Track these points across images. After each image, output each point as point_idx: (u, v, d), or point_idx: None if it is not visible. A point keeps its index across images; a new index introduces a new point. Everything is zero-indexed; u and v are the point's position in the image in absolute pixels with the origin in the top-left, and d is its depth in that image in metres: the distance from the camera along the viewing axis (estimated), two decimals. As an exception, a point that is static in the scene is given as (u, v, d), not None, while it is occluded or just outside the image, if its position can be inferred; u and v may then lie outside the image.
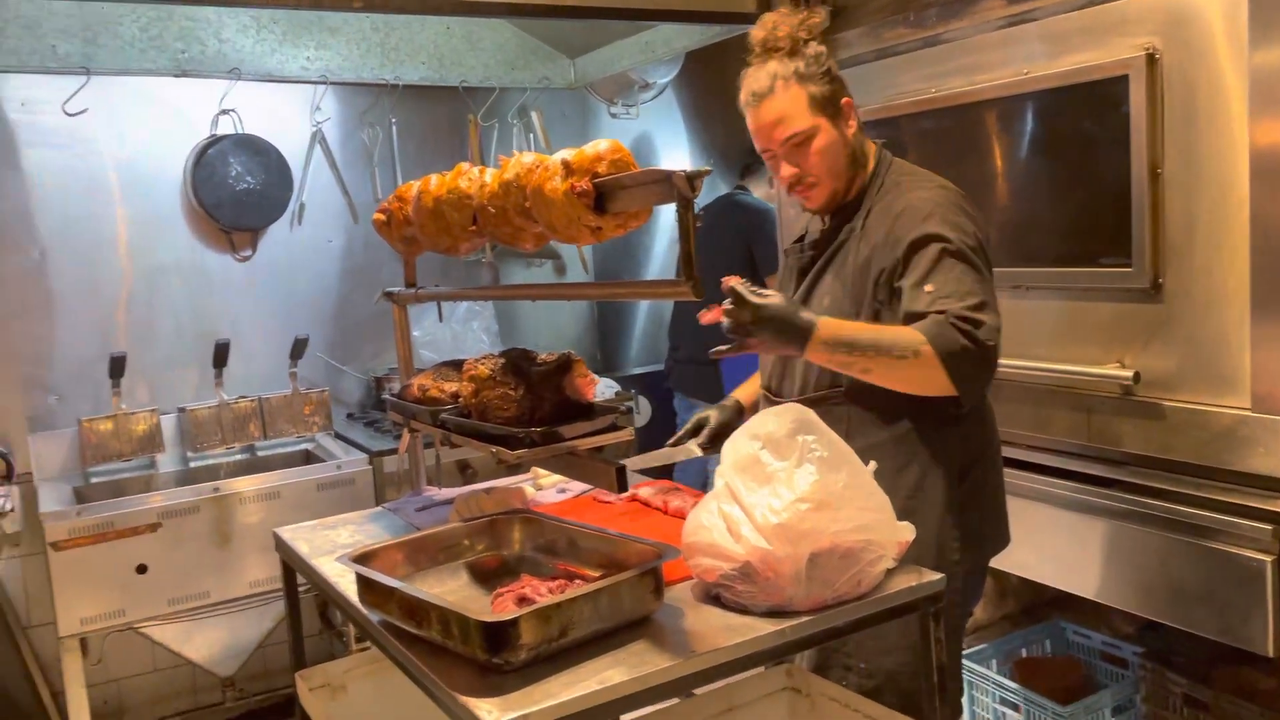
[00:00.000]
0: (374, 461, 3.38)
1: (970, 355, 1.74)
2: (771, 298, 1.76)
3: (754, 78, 1.96)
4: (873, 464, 1.69)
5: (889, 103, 2.77)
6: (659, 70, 4.11)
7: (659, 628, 1.60)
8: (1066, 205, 2.39)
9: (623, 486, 1.71)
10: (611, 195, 1.61)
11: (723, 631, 1.56)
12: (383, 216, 2.32)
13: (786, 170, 1.99)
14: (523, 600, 1.59)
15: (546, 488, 2.44)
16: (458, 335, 4.03)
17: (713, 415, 2.21)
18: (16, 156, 3.37)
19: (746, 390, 2.28)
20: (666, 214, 4.02)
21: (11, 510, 3.29)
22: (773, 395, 2.11)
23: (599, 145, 1.66)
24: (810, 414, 1.65)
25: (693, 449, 2.19)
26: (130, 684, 3.55)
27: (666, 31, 3.67)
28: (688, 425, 2.24)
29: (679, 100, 4.59)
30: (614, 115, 4.35)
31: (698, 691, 1.99)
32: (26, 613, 3.38)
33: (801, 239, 2.17)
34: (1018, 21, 2.43)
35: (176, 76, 3.53)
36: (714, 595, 1.66)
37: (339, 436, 3.67)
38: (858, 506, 1.60)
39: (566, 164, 1.67)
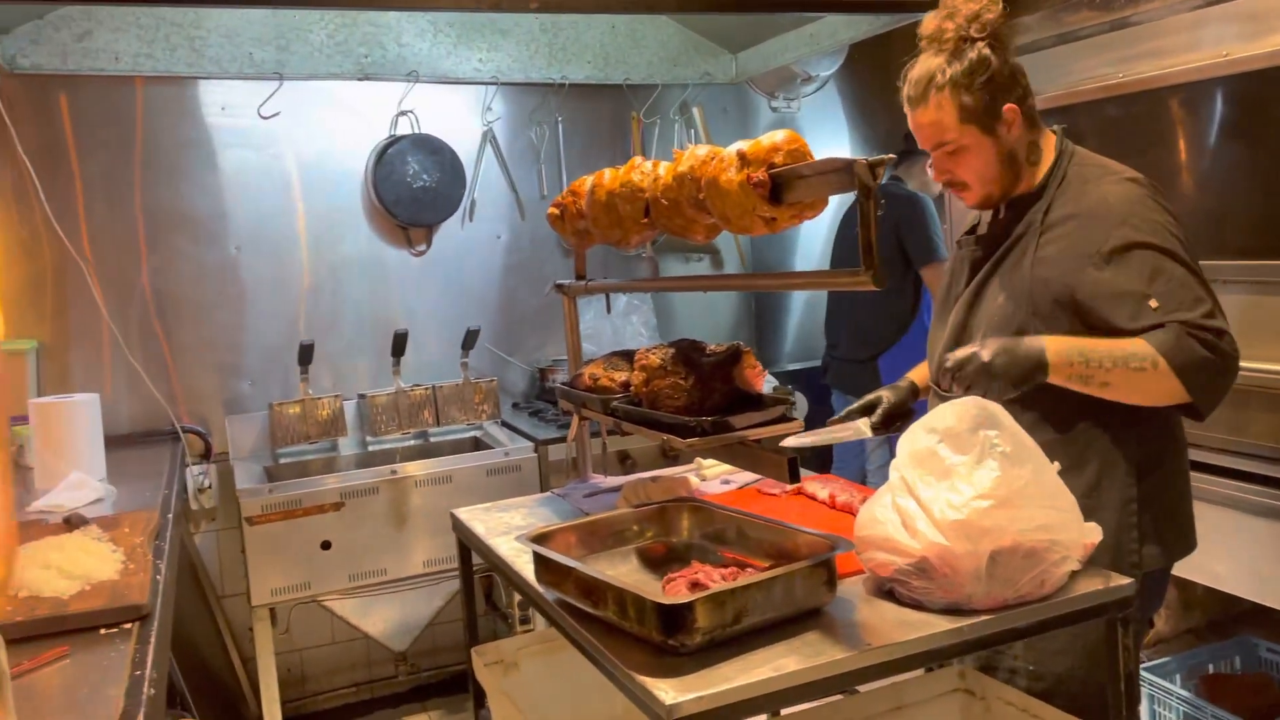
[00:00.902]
0: (539, 449, 3.47)
1: (1211, 366, 1.69)
2: (987, 346, 1.74)
3: (913, 78, 1.91)
4: (1056, 463, 1.64)
5: (1070, 89, 2.66)
6: (822, 63, 4.07)
7: (831, 620, 1.59)
8: (1263, 195, 2.25)
9: (794, 477, 1.71)
10: (788, 185, 1.62)
11: (898, 626, 1.54)
12: (556, 210, 2.38)
13: (939, 172, 1.96)
14: (695, 586, 1.61)
15: (711, 478, 2.46)
16: (618, 329, 4.10)
17: (886, 395, 2.11)
18: (215, 158, 3.62)
19: (920, 372, 2.20)
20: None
21: (209, 487, 3.55)
22: (942, 391, 2.06)
23: (775, 136, 1.67)
24: (994, 407, 1.61)
25: (863, 428, 2.09)
26: (311, 654, 3.76)
27: (832, 23, 3.63)
28: (858, 404, 2.12)
29: (840, 93, 4.54)
30: (774, 109, 4.34)
31: (863, 689, 1.97)
32: (220, 583, 3.64)
33: (974, 230, 2.11)
34: (1215, 1, 2.30)
35: (359, 80, 3.72)
36: (887, 590, 1.65)
37: (505, 425, 3.80)
38: (1042, 505, 1.55)
39: (742, 155, 1.68)
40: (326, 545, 3.18)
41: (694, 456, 2.54)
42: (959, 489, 1.55)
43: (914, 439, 1.67)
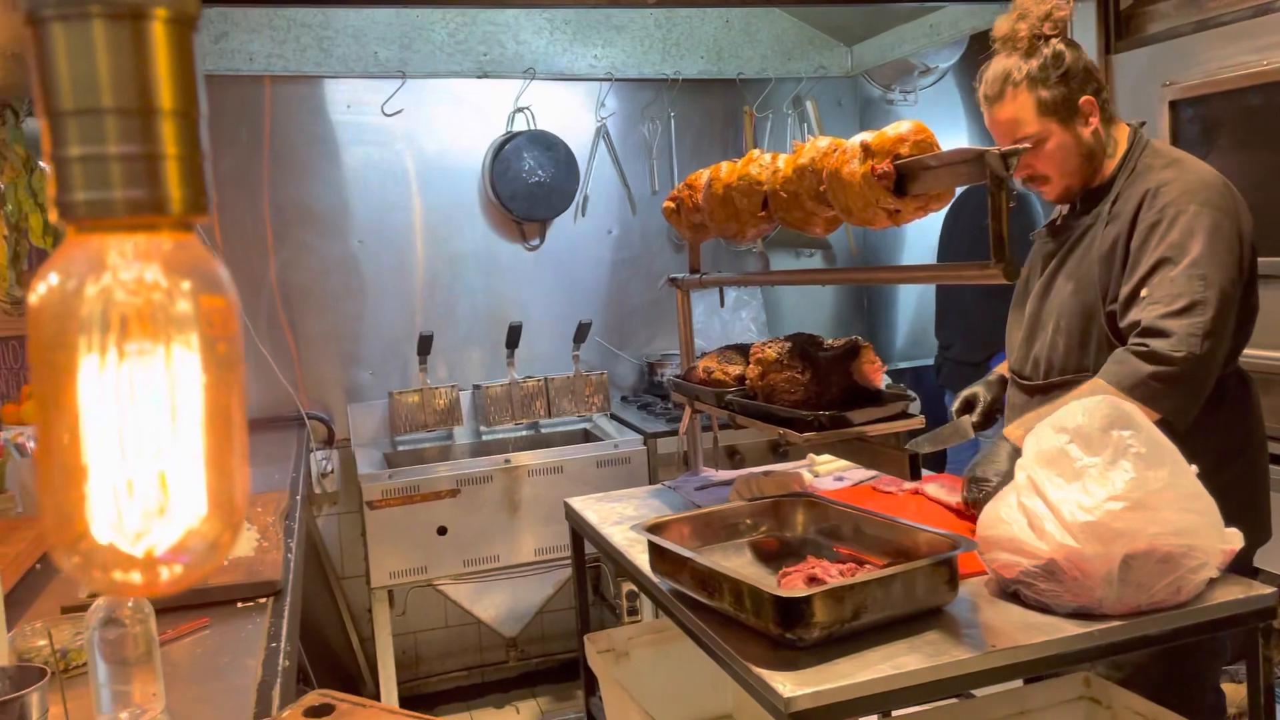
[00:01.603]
0: (648, 442, 3.49)
1: (1161, 379, 1.73)
2: (985, 482, 1.87)
3: (989, 77, 1.96)
4: (1194, 466, 1.57)
5: (1209, 78, 2.54)
6: (941, 54, 3.99)
7: (952, 620, 1.57)
8: None
9: (915, 474, 1.69)
10: (914, 176, 1.59)
11: (1023, 629, 1.51)
12: (672, 204, 2.39)
13: (1020, 168, 1.97)
14: (812, 580, 1.60)
15: (823, 475, 2.44)
16: (726, 324, 4.09)
17: (980, 391, 2.20)
18: (339, 154, 3.75)
19: (1006, 366, 2.26)
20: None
21: (332, 472, 3.68)
22: (1021, 379, 2.11)
23: (900, 126, 1.65)
24: (1128, 407, 1.56)
25: (967, 429, 2.14)
26: (425, 637, 3.87)
27: (953, 13, 3.55)
28: (957, 402, 2.22)
29: (960, 85, 4.43)
30: (890, 102, 4.26)
31: (978, 693, 1.93)
32: (341, 565, 3.77)
33: (1052, 223, 2.10)
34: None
35: (478, 78, 3.80)
36: (1012, 592, 1.61)
37: (614, 418, 3.83)
38: (1179, 509, 1.49)
39: (866, 146, 1.66)
40: (442, 531, 3.26)
41: (808, 452, 2.52)
42: (1090, 490, 1.50)
43: (1041, 438, 1.62)
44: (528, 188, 3.82)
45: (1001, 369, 2.26)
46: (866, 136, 1.67)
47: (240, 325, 0.37)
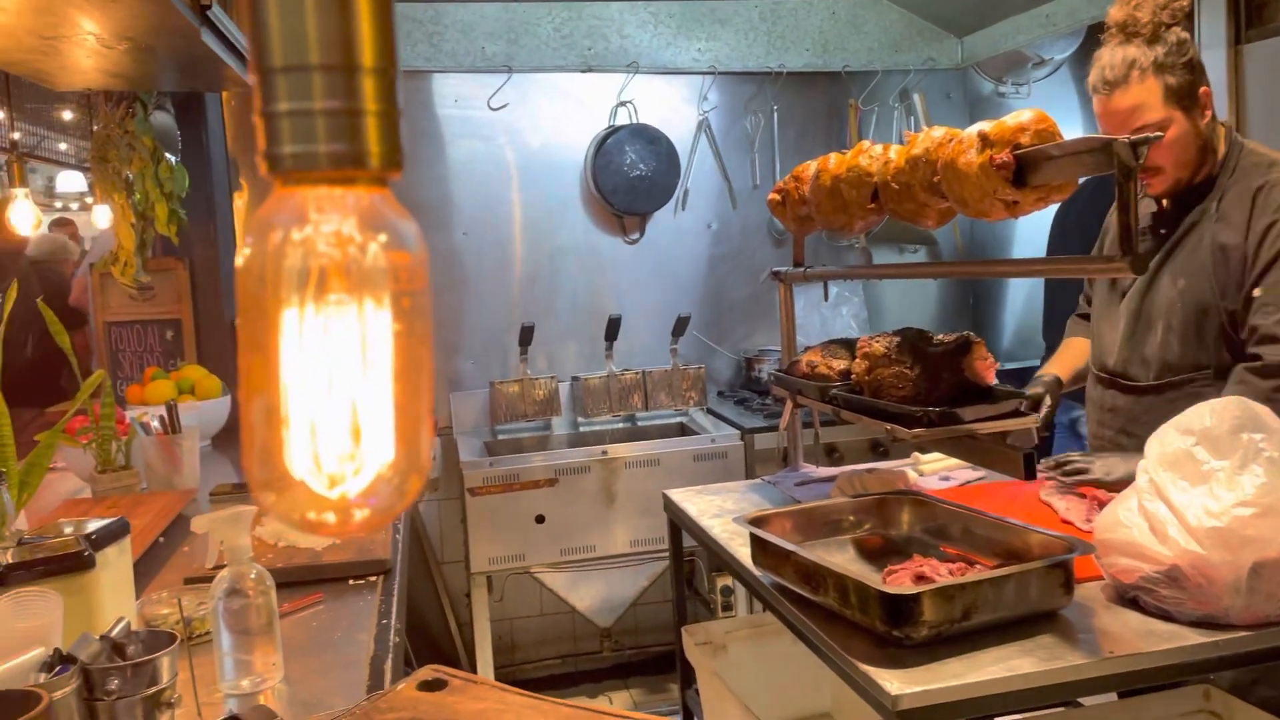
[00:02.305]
0: (745, 438, 3.48)
1: None
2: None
3: (1108, 63, 1.90)
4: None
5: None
6: (1056, 45, 3.86)
7: (1067, 624, 1.52)
8: None
9: (1030, 474, 1.64)
10: (1035, 167, 1.54)
11: (1143, 636, 1.45)
12: (777, 196, 2.37)
13: None
14: (920, 578, 1.57)
15: (929, 474, 2.39)
16: (826, 321, 4.04)
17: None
18: (446, 148, 3.82)
19: (1063, 364, 2.25)
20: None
21: (435, 458, 3.76)
22: (1121, 379, 2.06)
23: (1021, 116, 1.60)
24: (1258, 409, 1.49)
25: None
26: (521, 624, 3.92)
27: (1071, 2, 3.44)
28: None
29: (1075, 77, 4.29)
30: (1002, 95, 4.15)
31: (1085, 702, 1.87)
32: (440, 550, 3.85)
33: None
34: None
35: (583, 72, 3.83)
36: (1130, 598, 1.55)
37: (711, 412, 3.82)
38: (1316, 515, 1.42)
39: (984, 136, 1.62)
40: (540, 519, 3.30)
41: (915, 450, 2.48)
42: (1218, 495, 1.44)
43: (1165, 440, 1.56)
44: (629, 181, 3.83)
45: (1057, 369, 2.24)
46: (985, 126, 1.63)
47: (429, 280, 0.38)
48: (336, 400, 0.36)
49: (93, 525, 1.47)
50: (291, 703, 1.32)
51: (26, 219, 2.91)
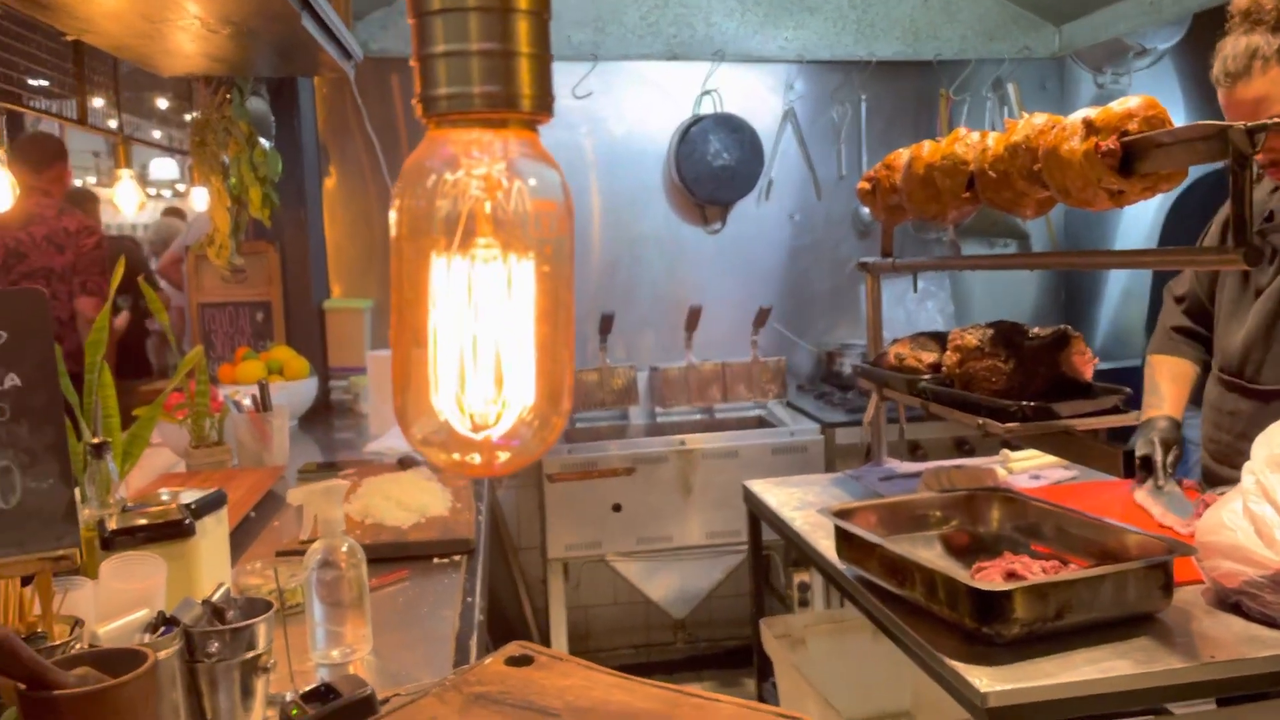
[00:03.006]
0: (826, 431, 3.44)
1: None
2: None
3: (1230, 53, 1.81)
4: None
5: None
6: (1160, 34, 3.73)
7: (1165, 628, 1.47)
8: None
9: (1129, 471, 1.59)
10: (1143, 155, 1.49)
11: (1246, 642, 1.40)
12: (868, 185, 2.34)
13: (1265, 150, 1.80)
14: (1011, 576, 1.53)
15: (1018, 473, 2.33)
16: (911, 315, 3.98)
17: (1156, 448, 2.00)
18: (532, 137, 3.84)
19: (1173, 400, 2.10)
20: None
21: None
22: (1247, 383, 1.95)
23: (1128, 101, 1.55)
24: (1379, 409, 1.42)
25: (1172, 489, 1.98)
26: (596, 612, 3.94)
27: (1176, -11, 3.32)
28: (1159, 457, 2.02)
29: (1177, 68, 4.14)
30: (1100, 85, 4.03)
31: (1178, 710, 1.82)
32: (517, 536, 3.88)
33: (1270, 216, 1.93)
34: None
35: (667, 60, 3.82)
36: (1233, 603, 1.50)
37: (790, 405, 3.79)
38: None
39: (1089, 122, 1.57)
40: (617, 508, 3.31)
41: (1004, 447, 2.42)
42: (1333, 498, 1.38)
43: (1273, 441, 1.50)
44: (712, 171, 3.82)
45: (1169, 408, 2.09)
46: (1090, 112, 1.58)
47: (572, 226, 0.38)
48: (482, 343, 0.36)
49: (192, 495, 1.51)
50: (380, 674, 1.34)
51: (131, 199, 3.01)
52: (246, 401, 2.62)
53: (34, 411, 1.04)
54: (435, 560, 1.81)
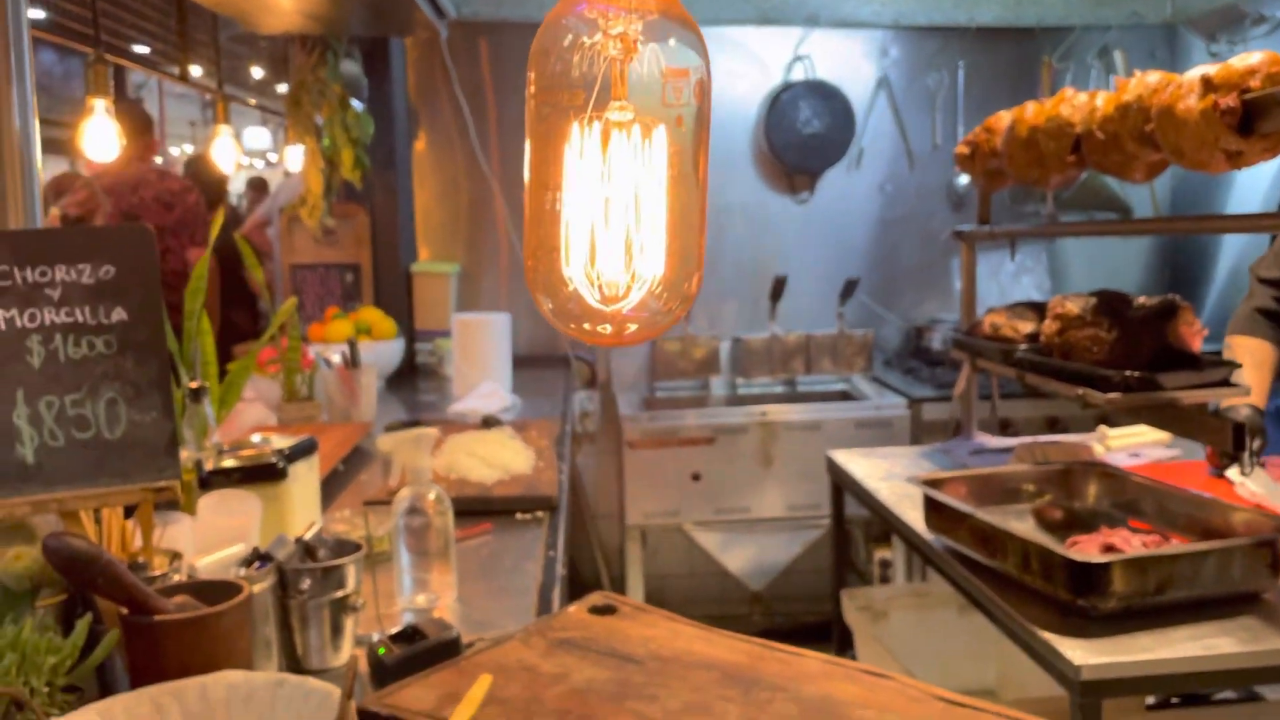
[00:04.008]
0: (912, 406, 3.37)
1: None
2: None
3: None
4: None
5: None
6: (1279, -1, 3.54)
7: (1272, 607, 1.41)
8: None
9: (1239, 445, 1.52)
10: (1266, 113, 1.41)
11: (1363, 627, 1.33)
12: (966, 149, 2.27)
13: None
14: (1109, 549, 1.48)
15: (1116, 450, 2.25)
16: (1005, 290, 3.87)
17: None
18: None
19: (1257, 386, 1.91)
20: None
21: (592, 412, 3.81)
22: None
23: (1250, 58, 1.48)
24: None
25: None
26: (672, 581, 3.94)
27: (1300, -50, 3.14)
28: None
29: (1297, 36, 3.93)
30: (1214, 54, 3.83)
31: (1272, 694, 1.75)
32: (595, 503, 3.90)
33: None
34: None
35: (759, 25, 3.76)
36: (1348, 586, 1.42)
37: (875, 380, 3.72)
38: None
39: (1207, 80, 1.50)
40: (696, 477, 3.30)
41: (1099, 425, 2.34)
42: None
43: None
44: (802, 139, 3.75)
45: (1254, 397, 1.90)
46: (1208, 69, 1.50)
47: (708, 94, 0.37)
48: (614, 212, 0.35)
49: (284, 441, 1.54)
50: (465, 621, 1.35)
51: (229, 155, 3.08)
52: (336, 358, 2.67)
53: (139, 346, 1.06)
54: (518, 516, 1.82)
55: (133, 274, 1.06)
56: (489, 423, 2.46)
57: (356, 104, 3.25)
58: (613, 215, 0.35)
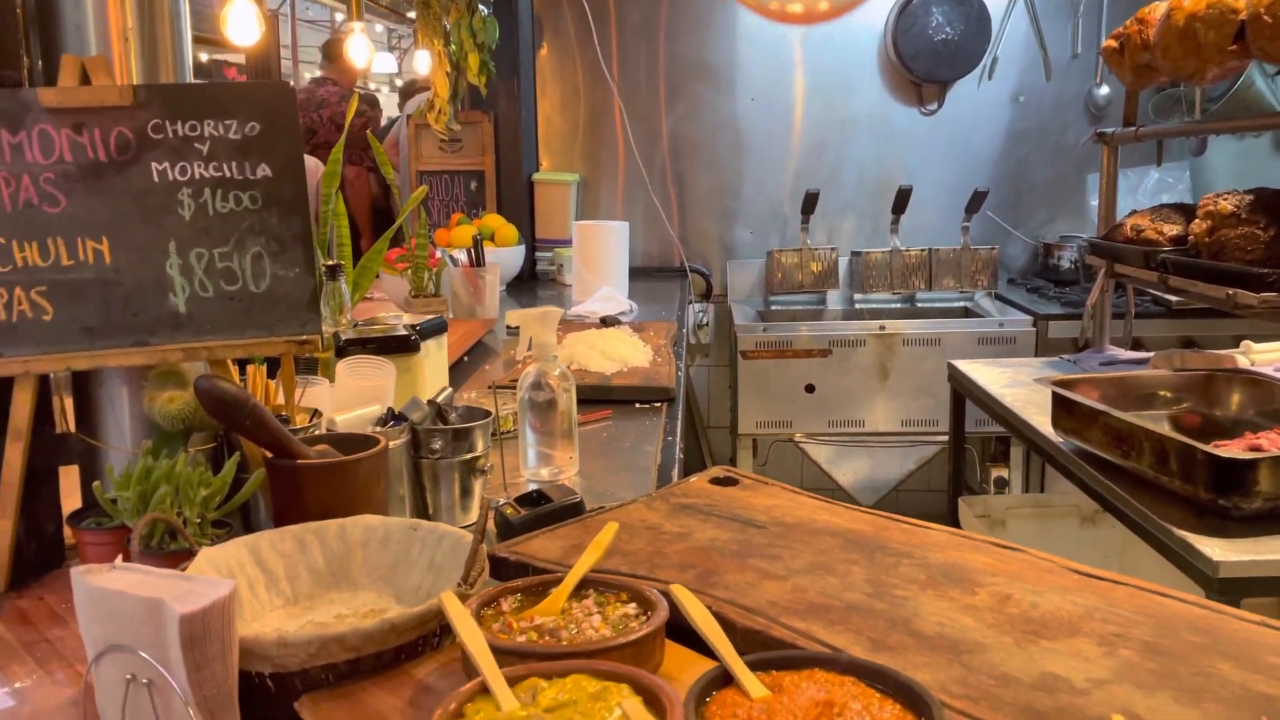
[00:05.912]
0: (1038, 324, 3.26)
1: None
2: None
3: None
4: None
5: None
6: None
7: None
8: None
9: (1407, 348, 1.42)
10: None
11: None
12: (1115, 43, 2.15)
13: None
14: (1255, 450, 1.41)
15: (1261, 365, 2.13)
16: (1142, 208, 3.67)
17: None
18: (735, 9, 3.73)
19: None
20: None
21: (707, 324, 3.80)
22: None
23: None
24: None
25: None
26: (781, 494, 3.95)
27: None
28: None
29: None
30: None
31: None
32: (707, 414, 3.92)
33: None
34: None
35: (892, -75, 3.60)
36: None
37: (999, 298, 3.61)
38: None
39: (1399, -52, 1.37)
40: (810, 389, 3.27)
41: (1244, 341, 2.22)
42: None
43: None
44: (932, 46, 3.61)
45: None
46: (1401, -64, 1.37)
47: None
48: None
49: (415, 319, 1.58)
50: (587, 493, 1.37)
51: (362, 51, 3.14)
52: (462, 257, 2.72)
53: (283, 201, 1.10)
54: (637, 405, 1.84)
55: (277, 131, 1.09)
56: (608, 322, 2.49)
57: (483, 8, 3.25)
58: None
